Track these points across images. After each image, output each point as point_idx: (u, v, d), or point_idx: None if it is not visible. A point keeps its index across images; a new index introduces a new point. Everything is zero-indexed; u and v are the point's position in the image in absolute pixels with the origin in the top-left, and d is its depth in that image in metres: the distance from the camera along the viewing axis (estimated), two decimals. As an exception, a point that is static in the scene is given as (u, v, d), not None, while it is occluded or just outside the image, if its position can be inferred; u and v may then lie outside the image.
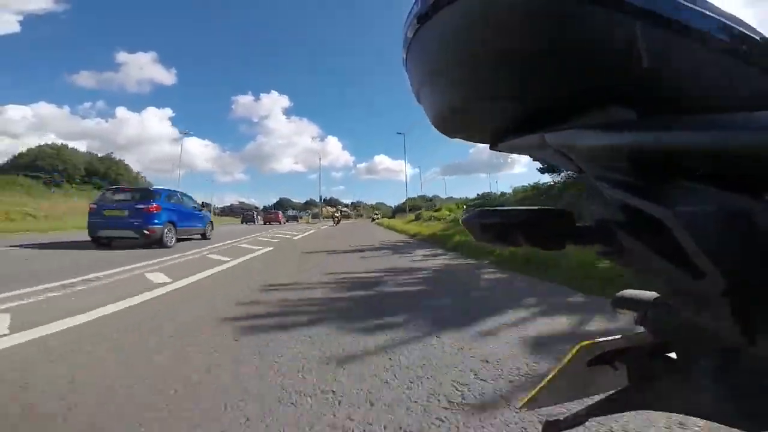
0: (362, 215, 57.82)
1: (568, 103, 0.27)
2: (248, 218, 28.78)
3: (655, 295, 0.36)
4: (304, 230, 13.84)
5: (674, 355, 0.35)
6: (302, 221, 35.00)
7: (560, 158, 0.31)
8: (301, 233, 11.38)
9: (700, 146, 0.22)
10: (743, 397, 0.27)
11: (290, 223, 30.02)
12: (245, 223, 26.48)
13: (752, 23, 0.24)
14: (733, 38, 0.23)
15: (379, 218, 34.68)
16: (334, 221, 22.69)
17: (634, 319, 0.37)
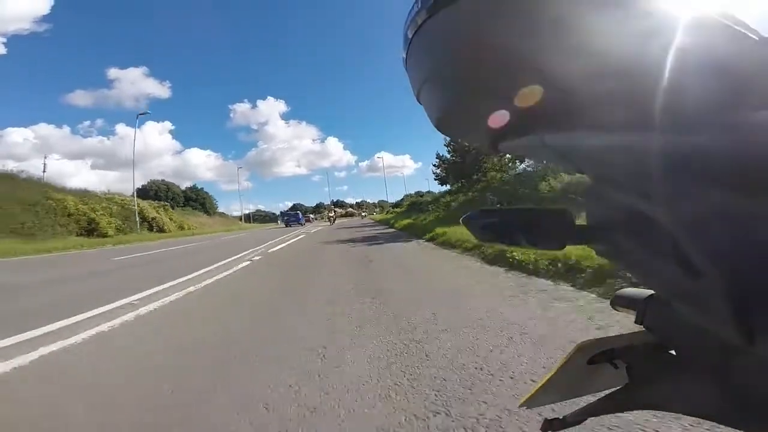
0: (364, 214, 64.91)
1: (567, 103, 0.27)
2: (290, 221, 36.14)
3: (654, 294, 0.36)
4: (324, 224, 28.87)
5: (674, 354, 0.35)
6: (317, 221, 51.57)
7: (560, 159, 0.31)
8: (324, 225, 26.07)
9: (699, 146, 0.22)
10: (743, 397, 0.27)
11: (311, 222, 42.78)
12: (288, 225, 33.65)
13: (751, 23, 0.24)
14: (733, 39, 0.23)
15: (365, 215, 52.08)
16: (330, 221, 30.65)
17: (634, 317, 0.37)
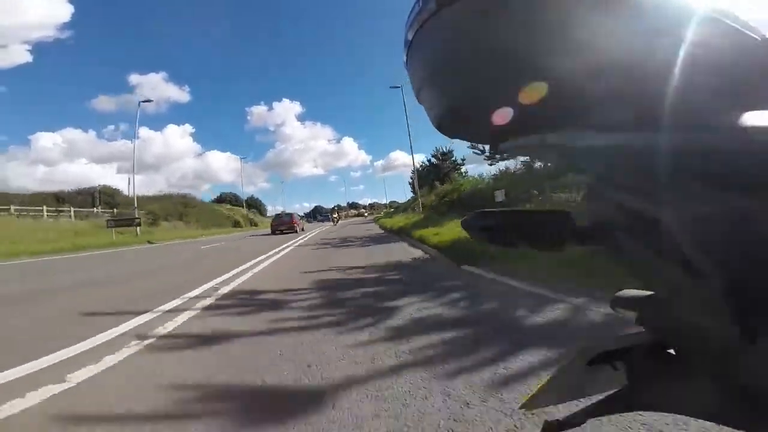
0: (366, 214, 73.72)
1: (568, 103, 0.28)
2: (322, 219, 43.69)
3: (654, 295, 0.36)
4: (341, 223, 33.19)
5: (674, 354, 0.35)
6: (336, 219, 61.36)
7: (561, 158, 0.31)
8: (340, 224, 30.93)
9: (700, 146, 0.22)
10: (744, 397, 0.27)
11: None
12: (335, 222, 39.56)
13: (752, 23, 0.24)
14: (733, 39, 0.23)
15: (366, 215, 60.49)
16: (333, 222, 33.19)
17: (634, 318, 0.37)
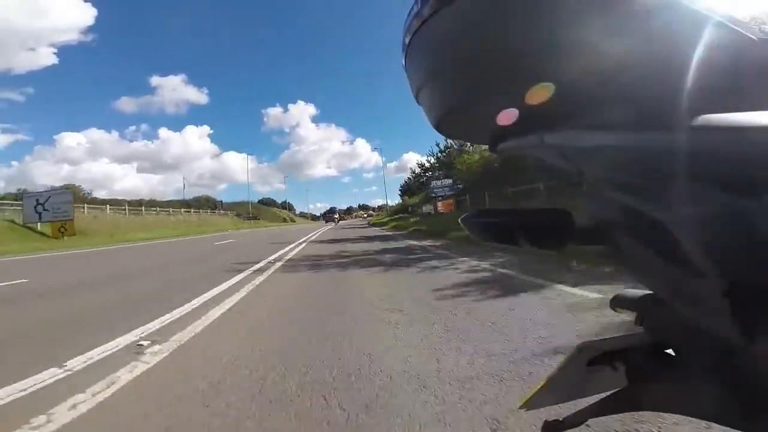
0: (365, 216, 76.08)
1: (568, 103, 0.27)
2: (328, 220, 48.24)
3: (653, 295, 0.36)
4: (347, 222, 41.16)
5: (674, 354, 0.35)
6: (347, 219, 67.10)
7: (560, 159, 0.31)
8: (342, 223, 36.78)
9: (700, 146, 0.22)
10: (743, 397, 0.27)
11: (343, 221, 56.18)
12: (326, 222, 45.29)
13: (750, 23, 0.24)
14: (733, 39, 0.23)
15: (365, 216, 62.96)
16: (335, 222, 38.02)
17: (633, 319, 0.37)
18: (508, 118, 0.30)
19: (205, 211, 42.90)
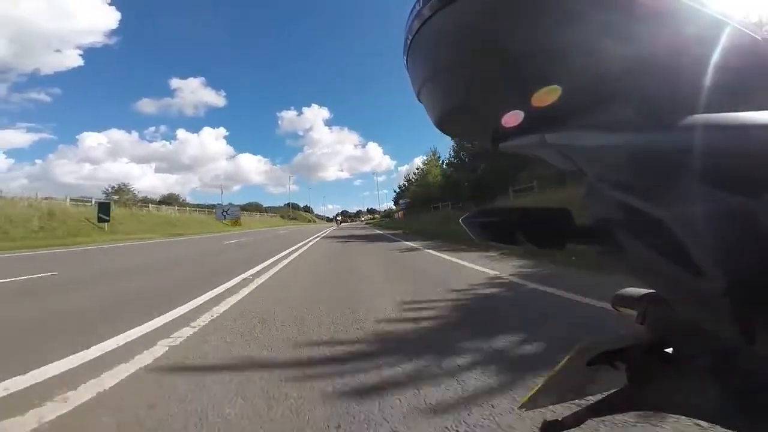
0: (363, 219, 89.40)
1: (568, 103, 0.27)
2: (337, 222, 55.87)
3: (655, 294, 0.36)
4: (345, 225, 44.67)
5: (674, 354, 0.35)
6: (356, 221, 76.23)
7: (561, 158, 0.31)
8: (345, 226, 39.53)
9: (700, 145, 0.22)
10: (743, 397, 0.27)
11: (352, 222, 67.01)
12: (336, 224, 49.90)
13: (752, 25, 0.24)
14: (733, 37, 0.23)
15: (363, 219, 71.42)
16: (337, 224, 39.97)
17: (634, 318, 0.37)
18: (513, 119, 0.30)
19: (257, 213, 65.09)
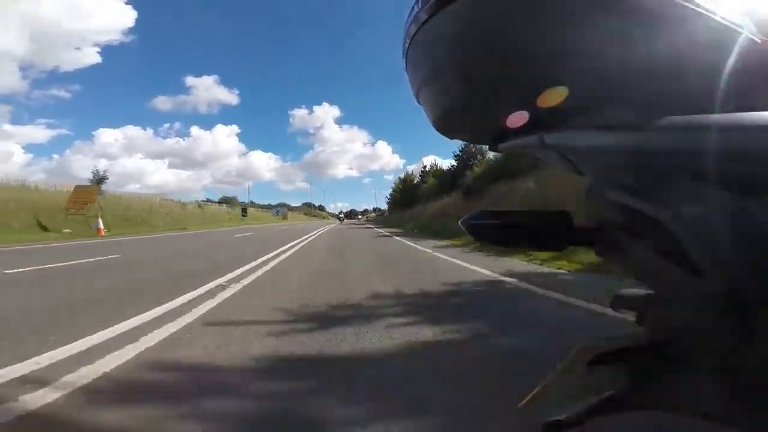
0: (360, 217, 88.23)
1: (567, 103, 0.28)
2: (341, 219, 54.20)
3: (654, 294, 0.36)
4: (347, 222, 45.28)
5: (674, 354, 0.35)
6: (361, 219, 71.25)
7: (560, 159, 0.31)
8: (347, 222, 40.92)
9: (699, 146, 0.22)
10: (743, 396, 0.27)
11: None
12: (340, 221, 52.28)
13: (749, 24, 0.24)
14: (731, 39, 0.23)
15: (361, 218, 71.87)
16: (340, 220, 43.23)
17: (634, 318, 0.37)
18: (517, 120, 0.30)
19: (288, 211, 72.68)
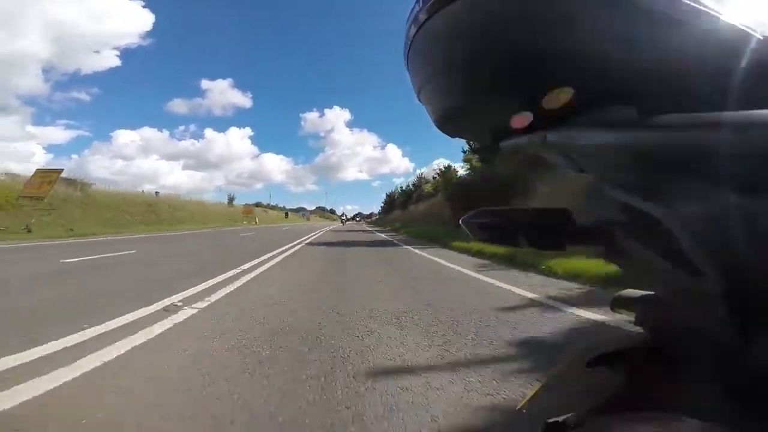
0: (358, 219, 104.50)
1: (568, 102, 0.27)
2: (342, 221, 66.02)
3: (653, 295, 0.36)
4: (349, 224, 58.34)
5: (674, 355, 0.35)
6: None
7: (561, 158, 0.31)
8: (349, 224, 52.99)
9: (700, 145, 0.22)
10: (743, 397, 0.27)
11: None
12: (342, 222, 60.69)
13: (752, 22, 0.24)
14: (733, 36, 0.23)
15: (358, 220, 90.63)
16: (342, 222, 51.35)
17: (633, 319, 0.37)
18: (522, 121, 0.30)
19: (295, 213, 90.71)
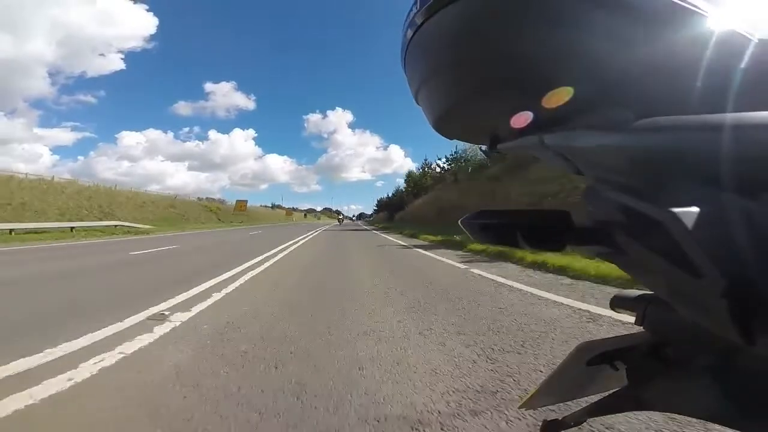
0: (354, 217, 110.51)
1: (567, 104, 0.27)
2: (340, 220, 64.13)
3: (653, 295, 0.36)
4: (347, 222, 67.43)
5: (674, 355, 0.35)
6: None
7: (559, 159, 0.31)
8: (348, 222, 62.69)
9: (699, 146, 0.22)
10: (743, 397, 0.27)
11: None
12: (339, 222, 59.71)
13: (748, 25, 0.24)
14: (730, 40, 0.23)
15: (354, 219, 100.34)
16: (339, 221, 49.05)
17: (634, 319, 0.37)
18: (521, 120, 0.30)
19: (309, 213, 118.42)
